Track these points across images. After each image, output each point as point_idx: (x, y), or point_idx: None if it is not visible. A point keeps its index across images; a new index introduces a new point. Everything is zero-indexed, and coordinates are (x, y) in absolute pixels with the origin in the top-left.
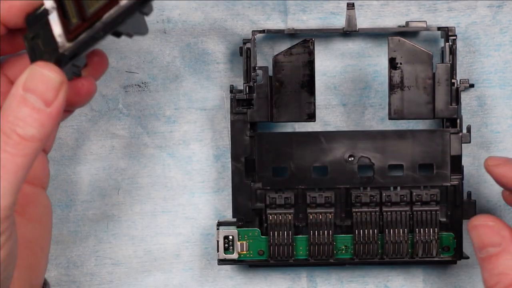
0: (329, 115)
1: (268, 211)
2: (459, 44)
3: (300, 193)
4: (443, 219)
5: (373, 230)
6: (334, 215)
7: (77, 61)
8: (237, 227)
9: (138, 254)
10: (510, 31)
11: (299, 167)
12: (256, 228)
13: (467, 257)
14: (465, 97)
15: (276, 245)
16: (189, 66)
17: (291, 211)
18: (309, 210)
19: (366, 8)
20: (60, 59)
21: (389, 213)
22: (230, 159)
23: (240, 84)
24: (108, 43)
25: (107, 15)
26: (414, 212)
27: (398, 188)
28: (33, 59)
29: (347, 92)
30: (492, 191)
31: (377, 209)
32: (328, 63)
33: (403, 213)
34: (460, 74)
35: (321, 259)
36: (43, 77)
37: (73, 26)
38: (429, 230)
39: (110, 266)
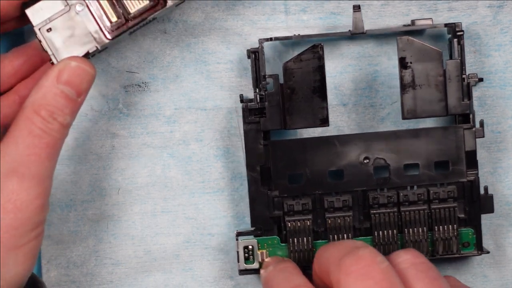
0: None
1: (287, 218)
2: None
3: (317, 198)
4: (462, 215)
5: (393, 231)
6: (352, 218)
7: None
8: (256, 236)
9: (138, 254)
10: (510, 31)
11: (315, 173)
12: (275, 236)
13: (488, 252)
14: None
15: (296, 252)
16: (189, 66)
17: (309, 216)
18: (327, 215)
19: (367, 8)
20: (91, 52)
21: (407, 212)
22: (230, 159)
23: (241, 84)
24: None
25: (152, 15)
26: (432, 210)
27: (415, 187)
28: (60, 52)
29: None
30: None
31: (395, 209)
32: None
33: (421, 211)
34: None
35: None
36: (79, 71)
37: (114, 25)
38: (448, 227)
39: (110, 266)
